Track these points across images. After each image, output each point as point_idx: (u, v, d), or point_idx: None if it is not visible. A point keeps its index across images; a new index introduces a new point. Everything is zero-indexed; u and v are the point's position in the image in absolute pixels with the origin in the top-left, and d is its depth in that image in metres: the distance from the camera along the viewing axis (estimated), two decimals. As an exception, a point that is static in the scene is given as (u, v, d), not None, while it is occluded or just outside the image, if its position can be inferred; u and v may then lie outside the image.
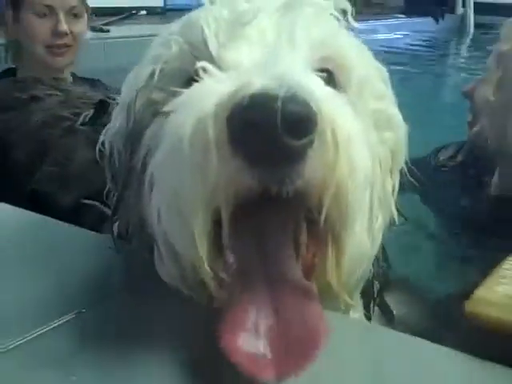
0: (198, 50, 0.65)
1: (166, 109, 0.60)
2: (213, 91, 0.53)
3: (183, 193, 0.54)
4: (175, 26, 0.69)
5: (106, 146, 0.75)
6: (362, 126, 0.60)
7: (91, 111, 1.26)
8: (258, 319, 0.54)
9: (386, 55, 5.62)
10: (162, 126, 0.61)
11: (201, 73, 0.58)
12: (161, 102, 0.65)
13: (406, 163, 0.75)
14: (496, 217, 1.71)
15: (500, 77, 1.56)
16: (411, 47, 6.32)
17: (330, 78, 0.65)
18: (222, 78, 0.57)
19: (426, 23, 7.31)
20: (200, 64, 0.59)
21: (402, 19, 7.06)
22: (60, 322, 0.67)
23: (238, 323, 0.54)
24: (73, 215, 1.02)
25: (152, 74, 0.67)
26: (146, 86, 0.68)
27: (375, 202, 0.67)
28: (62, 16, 2.02)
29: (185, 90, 0.59)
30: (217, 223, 0.55)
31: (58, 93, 1.42)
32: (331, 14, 0.69)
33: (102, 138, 0.76)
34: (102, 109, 1.22)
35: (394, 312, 0.92)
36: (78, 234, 0.92)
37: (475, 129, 1.63)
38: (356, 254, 0.64)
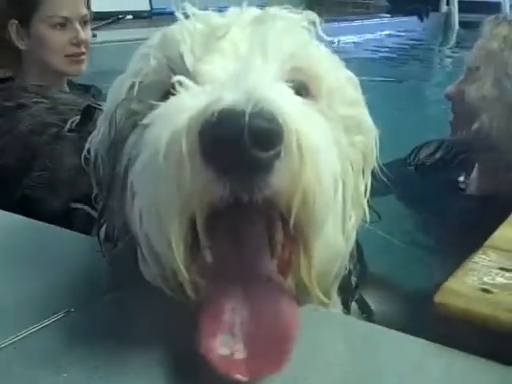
0: (176, 64, 0.68)
1: (144, 121, 0.63)
2: (186, 106, 0.56)
3: (160, 201, 0.57)
4: (154, 39, 0.72)
5: (91, 153, 0.78)
6: (331, 131, 0.65)
7: (78, 118, 1.29)
8: (232, 320, 0.57)
9: (374, 54, 5.68)
10: (141, 137, 0.64)
11: (177, 86, 0.62)
12: (140, 113, 0.68)
13: (380, 165, 0.78)
14: (472, 214, 1.75)
15: (493, 74, 1.59)
16: (396, 46, 6.36)
17: (301, 87, 0.68)
18: (196, 91, 0.60)
19: (410, 22, 7.35)
20: (176, 78, 0.62)
21: (387, 18, 7.09)
22: (50, 322, 0.69)
23: (212, 324, 0.57)
24: (62, 219, 1.05)
25: (132, 87, 0.70)
26: (126, 98, 0.71)
27: (348, 202, 0.70)
28: (77, 25, 2.04)
29: (162, 104, 0.62)
30: (194, 228, 0.58)
31: (45, 100, 1.44)
32: (302, 27, 0.72)
33: (87, 145, 0.79)
34: (88, 115, 1.25)
35: (372, 308, 0.95)
36: (67, 237, 0.94)
37: (475, 126, 1.65)
38: (329, 253, 0.68)
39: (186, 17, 0.71)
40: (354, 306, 0.87)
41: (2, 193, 1.23)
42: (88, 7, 2.13)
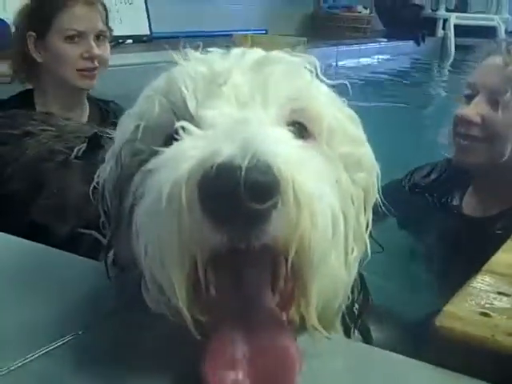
0: (179, 109, 0.71)
1: (148, 166, 0.66)
2: (187, 156, 0.59)
3: (162, 245, 0.61)
4: (159, 81, 0.74)
5: (100, 185, 0.81)
6: (331, 170, 0.68)
7: (84, 145, 1.31)
8: (235, 354, 0.61)
9: (371, 78, 5.73)
10: (145, 179, 0.68)
11: (180, 132, 0.64)
12: (145, 153, 0.71)
13: (380, 193, 0.80)
14: (467, 235, 1.77)
15: None
16: (393, 69, 6.41)
17: (301, 129, 0.72)
18: (198, 138, 0.62)
19: (407, 46, 7.41)
20: (179, 124, 0.65)
21: (384, 43, 7.16)
22: (58, 344, 0.71)
23: (216, 358, 0.61)
24: (70, 244, 1.07)
25: (137, 128, 0.73)
26: (131, 139, 0.74)
27: (350, 236, 0.73)
28: (91, 40, 2.09)
29: (165, 149, 0.64)
30: (197, 267, 0.61)
31: (51, 128, 1.46)
32: (303, 68, 0.75)
33: (96, 178, 0.82)
34: (95, 143, 1.27)
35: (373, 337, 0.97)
36: (74, 261, 0.96)
37: (499, 148, 1.67)
38: (332, 286, 0.70)
39: (186, 59, 0.73)
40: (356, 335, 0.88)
41: (10, 219, 1.25)
42: (106, 24, 2.19)
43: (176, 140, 0.64)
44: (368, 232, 0.77)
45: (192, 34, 4.73)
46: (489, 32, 8.21)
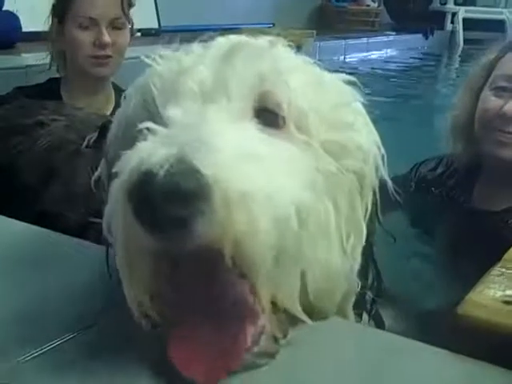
0: (151, 107, 0.71)
1: (114, 170, 0.66)
2: (131, 161, 0.60)
3: (116, 247, 0.65)
4: (137, 82, 0.75)
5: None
6: (304, 159, 0.68)
7: (95, 134, 1.31)
8: (197, 334, 0.65)
9: (379, 71, 5.71)
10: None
11: (144, 132, 0.65)
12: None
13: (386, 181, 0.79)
14: (476, 229, 1.76)
15: None
16: (402, 63, 6.39)
17: (272, 116, 0.70)
18: (153, 140, 0.63)
19: (415, 40, 7.39)
20: (141, 125, 0.66)
21: (393, 36, 7.13)
22: (73, 335, 0.71)
23: (178, 336, 0.65)
24: (81, 233, 1.07)
25: (118, 129, 0.76)
26: (115, 138, 0.77)
27: (342, 224, 0.72)
28: (104, 28, 2.10)
29: (127, 152, 0.64)
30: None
31: (62, 118, 1.47)
32: (273, 50, 0.73)
33: (97, 172, 0.84)
34: (106, 132, 1.27)
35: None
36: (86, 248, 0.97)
37: None
38: (326, 273, 0.70)
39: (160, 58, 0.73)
40: (365, 320, 0.88)
41: (21, 209, 1.25)
42: (123, 11, 2.18)
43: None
44: (367, 217, 0.76)
45: (199, 27, 4.72)
46: (497, 26, 8.17)
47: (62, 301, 0.80)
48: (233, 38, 0.76)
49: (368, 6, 7.67)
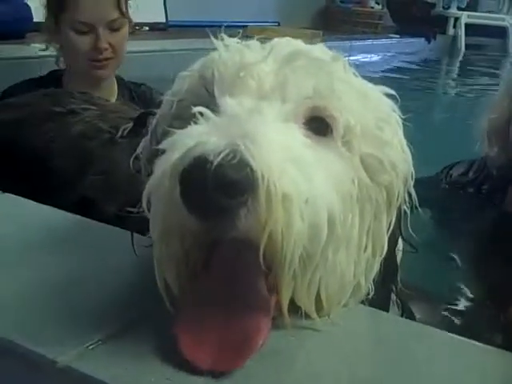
0: (209, 89, 0.74)
1: (160, 147, 0.69)
2: (182, 144, 0.63)
3: (154, 224, 0.67)
4: (195, 65, 0.79)
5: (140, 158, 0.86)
6: (344, 169, 0.72)
7: (130, 125, 1.32)
8: (207, 321, 0.67)
9: (382, 73, 5.72)
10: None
11: (198, 116, 0.67)
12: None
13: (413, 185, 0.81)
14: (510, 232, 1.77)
15: None
16: (404, 66, 6.41)
17: (322, 125, 0.73)
18: (205, 126, 0.66)
19: (418, 43, 7.41)
20: (195, 109, 0.68)
21: (396, 39, 7.15)
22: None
23: (189, 322, 0.67)
24: (118, 222, 1.08)
25: (171, 105, 0.78)
26: (165, 114, 0.80)
27: (364, 235, 0.75)
28: (101, 31, 2.04)
29: (176, 132, 0.68)
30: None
31: (93, 107, 1.47)
32: (333, 64, 0.76)
33: (138, 150, 0.87)
34: (141, 123, 1.28)
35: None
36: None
37: None
38: (336, 282, 0.74)
39: (226, 47, 0.77)
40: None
41: (56, 196, 1.25)
42: (120, 11, 2.12)
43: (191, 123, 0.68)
44: (390, 231, 0.79)
45: (205, 23, 4.72)
46: (499, 32, 8.21)
47: (116, 289, 0.81)
48: (293, 43, 0.79)
49: (372, 7, 7.69)
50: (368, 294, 0.80)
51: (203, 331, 0.66)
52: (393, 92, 0.82)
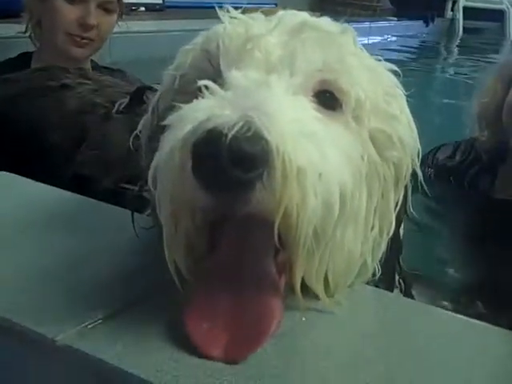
0: (213, 62, 0.72)
1: (165, 122, 0.67)
2: (191, 117, 0.61)
3: (162, 202, 0.65)
4: (199, 37, 0.76)
5: (140, 136, 0.83)
6: (353, 144, 0.70)
7: (126, 100, 1.29)
8: (217, 306, 0.64)
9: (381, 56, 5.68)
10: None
11: (203, 89, 0.65)
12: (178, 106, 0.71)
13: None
14: (499, 217, 1.76)
15: None
16: (402, 48, 6.39)
17: (331, 99, 0.71)
18: (213, 100, 0.63)
19: (416, 26, 7.38)
20: (201, 82, 0.66)
21: (394, 22, 7.11)
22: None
23: (198, 307, 0.64)
24: (113, 198, 1.05)
25: (173, 79, 0.75)
26: (168, 90, 0.77)
27: (371, 213, 0.73)
28: (92, 7, 1.93)
29: (182, 106, 0.65)
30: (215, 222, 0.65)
31: (88, 81, 1.44)
32: (343, 38, 0.74)
33: (138, 128, 0.83)
34: (138, 98, 1.25)
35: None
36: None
37: None
38: (344, 261, 0.72)
39: (231, 20, 0.74)
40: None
41: (50, 170, 1.23)
42: None
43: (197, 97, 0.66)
44: (397, 209, 0.77)
45: (202, 4, 4.68)
46: (497, 15, 8.18)
47: (115, 268, 0.79)
48: (299, 14, 0.76)
49: (370, -10, 7.62)
50: (374, 274, 0.78)
51: (213, 318, 0.63)
52: (395, 68, 0.80)
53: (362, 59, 0.75)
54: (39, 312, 0.68)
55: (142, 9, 4.63)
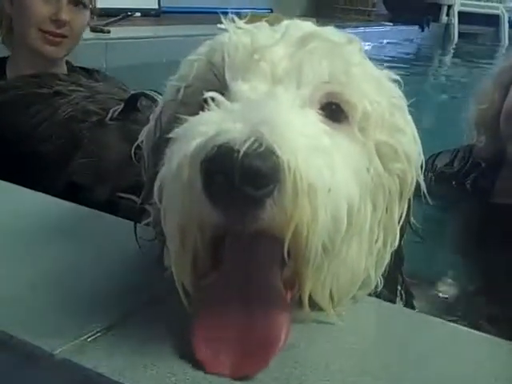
0: (218, 74, 0.70)
1: (171, 135, 0.65)
2: (200, 131, 0.59)
3: (169, 216, 0.63)
4: (202, 48, 0.75)
5: (142, 145, 0.81)
6: (359, 156, 0.69)
7: (120, 107, 1.27)
8: (225, 321, 0.63)
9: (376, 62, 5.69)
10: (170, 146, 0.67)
11: (209, 101, 0.64)
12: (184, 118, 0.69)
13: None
14: (498, 224, 1.75)
15: None
16: (397, 54, 6.39)
17: (337, 111, 0.70)
18: (220, 113, 0.62)
19: (411, 31, 7.39)
20: (208, 94, 0.64)
21: (389, 27, 7.13)
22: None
23: (205, 322, 0.63)
24: (109, 208, 1.03)
25: (177, 91, 0.74)
26: (172, 100, 0.75)
27: (376, 225, 0.73)
28: (64, 2, 1.88)
29: (189, 119, 0.64)
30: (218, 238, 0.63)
31: (81, 88, 1.42)
32: (349, 49, 0.72)
33: (140, 139, 0.82)
34: (131, 105, 1.24)
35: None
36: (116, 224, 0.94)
37: None
38: (348, 274, 0.71)
39: (237, 29, 0.72)
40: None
41: (44, 179, 1.21)
42: None
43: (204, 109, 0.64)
44: (401, 222, 0.76)
45: (198, 9, 4.68)
46: (492, 20, 8.20)
47: (113, 279, 0.78)
48: (305, 25, 0.75)
49: (365, -5, 7.65)
50: (377, 287, 0.78)
51: (220, 334, 0.62)
52: (397, 77, 0.79)
53: (367, 69, 0.74)
54: (36, 325, 0.67)
55: (138, 14, 4.62)
